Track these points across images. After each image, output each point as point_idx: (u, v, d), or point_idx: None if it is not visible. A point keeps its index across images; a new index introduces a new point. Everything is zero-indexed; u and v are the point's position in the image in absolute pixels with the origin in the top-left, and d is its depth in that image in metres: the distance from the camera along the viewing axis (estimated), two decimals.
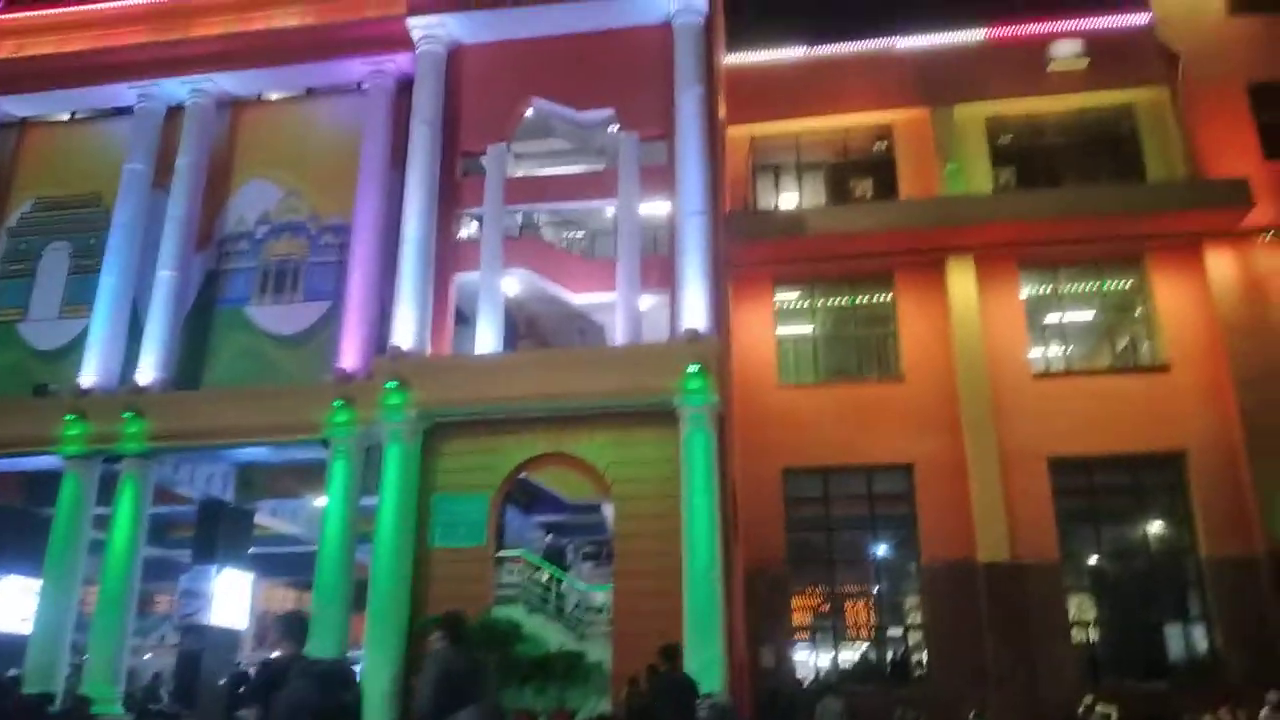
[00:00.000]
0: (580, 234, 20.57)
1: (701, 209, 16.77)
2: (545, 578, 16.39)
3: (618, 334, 16.77)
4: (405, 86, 18.63)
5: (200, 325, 18.25)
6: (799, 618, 18.21)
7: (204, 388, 17.70)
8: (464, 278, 17.53)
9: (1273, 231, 17.94)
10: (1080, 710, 15.37)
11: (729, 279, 18.62)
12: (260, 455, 17.69)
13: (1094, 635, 17.26)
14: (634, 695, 12.21)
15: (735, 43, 21.79)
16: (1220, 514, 16.90)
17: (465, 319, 17.76)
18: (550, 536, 19.39)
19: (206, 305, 18.40)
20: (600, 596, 16.40)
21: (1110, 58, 19.73)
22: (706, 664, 13.46)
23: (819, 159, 21.05)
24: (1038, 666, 16.36)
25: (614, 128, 18.12)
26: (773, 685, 16.51)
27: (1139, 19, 20.03)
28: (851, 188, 20.60)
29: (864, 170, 20.66)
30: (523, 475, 16.20)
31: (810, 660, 17.88)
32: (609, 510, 16.05)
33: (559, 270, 17.84)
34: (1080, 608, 17.36)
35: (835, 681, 17.00)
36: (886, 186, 20.16)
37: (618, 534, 15.56)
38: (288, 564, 22.36)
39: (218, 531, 18.40)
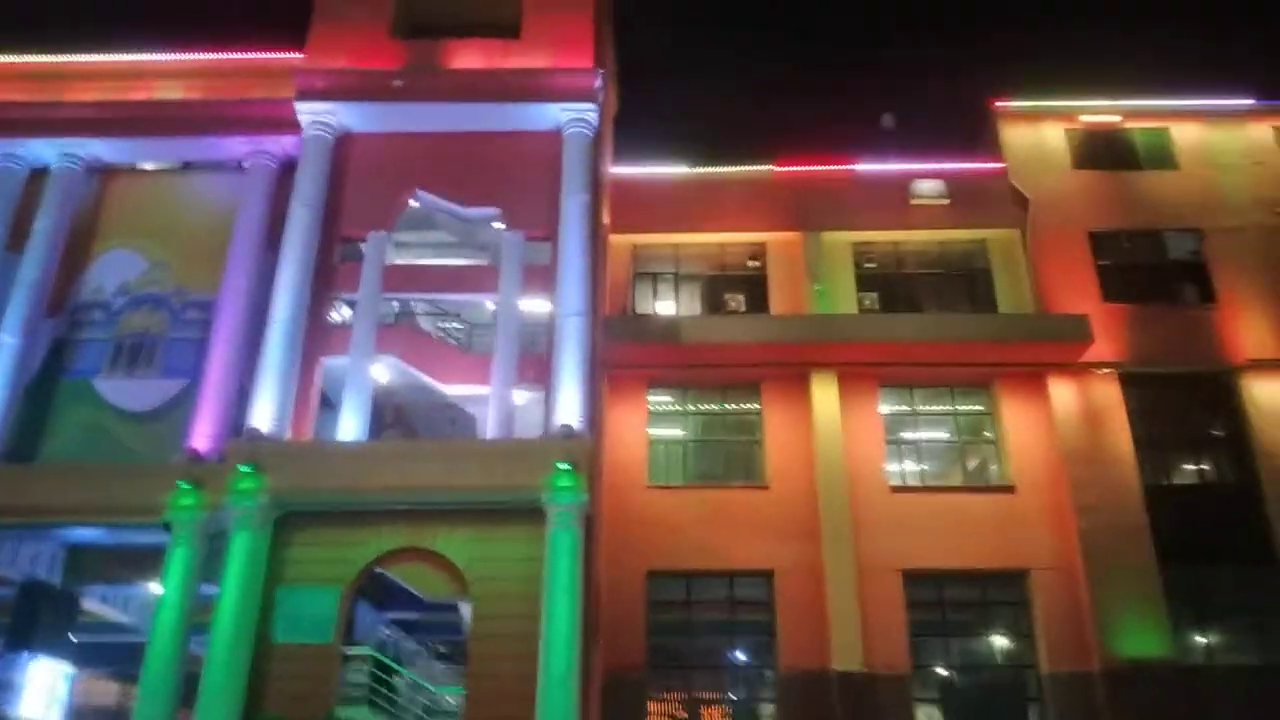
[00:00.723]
0: (458, 325, 20.49)
1: (581, 310, 17.00)
2: (395, 678, 15.67)
3: (489, 428, 16.63)
4: (288, 167, 18.46)
5: (42, 395, 17.19)
6: None
7: (39, 462, 16.58)
8: (333, 363, 17.13)
9: (1109, 366, 19.32)
10: None
11: (604, 380, 18.83)
12: (94, 536, 16.52)
13: None
14: None
15: (622, 156, 22.65)
16: (1060, 631, 17.60)
17: (332, 405, 17.30)
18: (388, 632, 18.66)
19: (51, 375, 17.38)
20: (452, 699, 15.76)
21: (968, 198, 21.33)
22: None
23: (696, 271, 21.78)
24: None
25: (499, 225, 18.35)
26: None
27: (994, 166, 21.76)
28: (726, 300, 21.31)
29: (738, 284, 21.44)
30: (378, 570, 15.62)
31: None
32: (466, 609, 15.58)
33: (433, 360, 17.65)
34: (928, 719, 17.66)
35: None
36: (758, 301, 20.96)
37: (474, 634, 15.08)
38: (114, 654, 20.59)
39: (38, 616, 16.91)
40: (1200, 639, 17.86)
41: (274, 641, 14.52)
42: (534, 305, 17.84)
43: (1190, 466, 19.57)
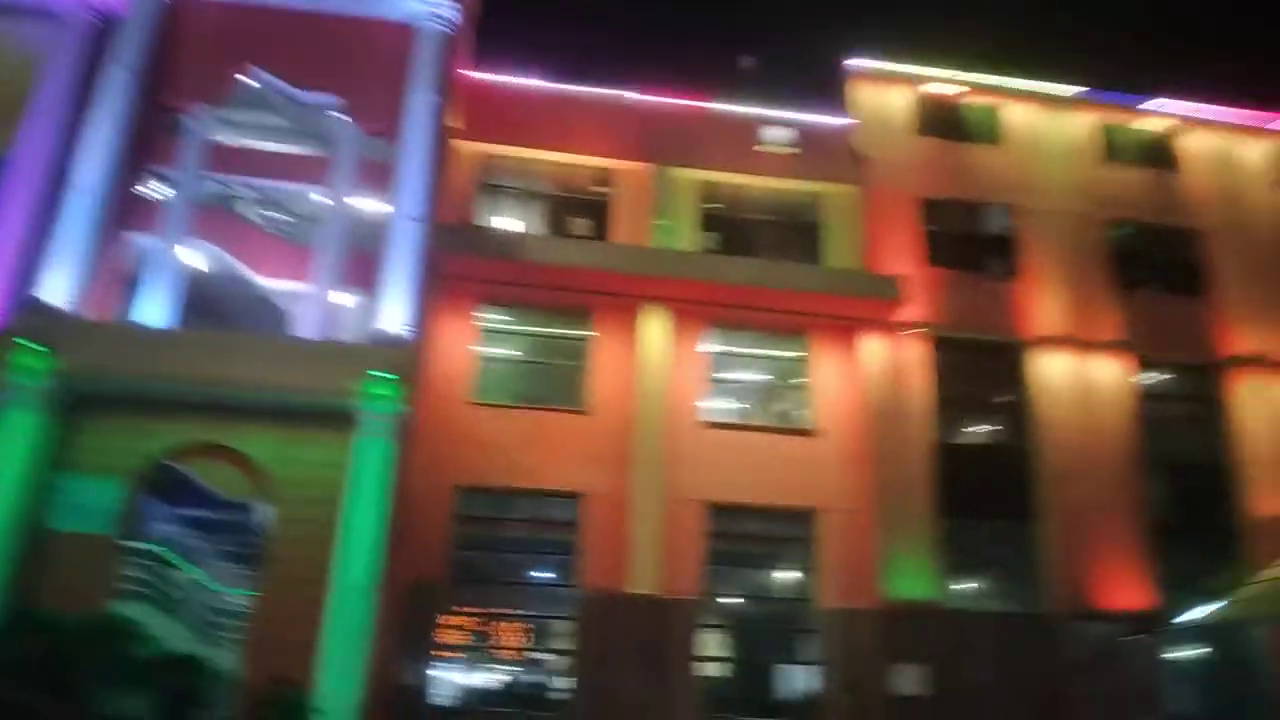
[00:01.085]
0: (283, 216, 19.55)
1: (417, 214, 16.59)
2: (178, 575, 15.19)
3: (306, 326, 16.10)
4: (110, 24, 16.92)
5: None
6: (454, 637, 18.15)
7: None
8: (142, 241, 16.07)
9: (920, 327, 20.47)
10: None
11: (435, 289, 18.49)
12: None
13: (721, 672, 18.61)
14: None
15: (480, 61, 21.92)
16: (842, 570, 18.84)
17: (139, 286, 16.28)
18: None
19: None
20: (239, 601, 15.44)
21: (814, 150, 21.86)
22: (346, 679, 13.10)
23: (542, 189, 21.50)
24: (668, 698, 17.36)
25: (337, 115, 17.51)
26: (413, 704, 16.34)
27: (841, 121, 22.35)
28: (568, 223, 21.18)
29: (583, 208, 21.32)
30: (171, 463, 15.00)
31: (459, 680, 17.84)
32: (263, 511, 15.23)
33: (253, 250, 16.89)
34: (712, 645, 18.66)
35: (476, 703, 17.07)
36: (601, 228, 20.94)
37: (271, 536, 14.81)
38: None
39: None
40: (964, 585, 19.56)
41: (50, 529, 13.80)
42: (368, 204, 17.25)
43: (976, 428, 21.14)
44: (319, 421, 14.86)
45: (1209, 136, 23.89)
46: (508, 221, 21.15)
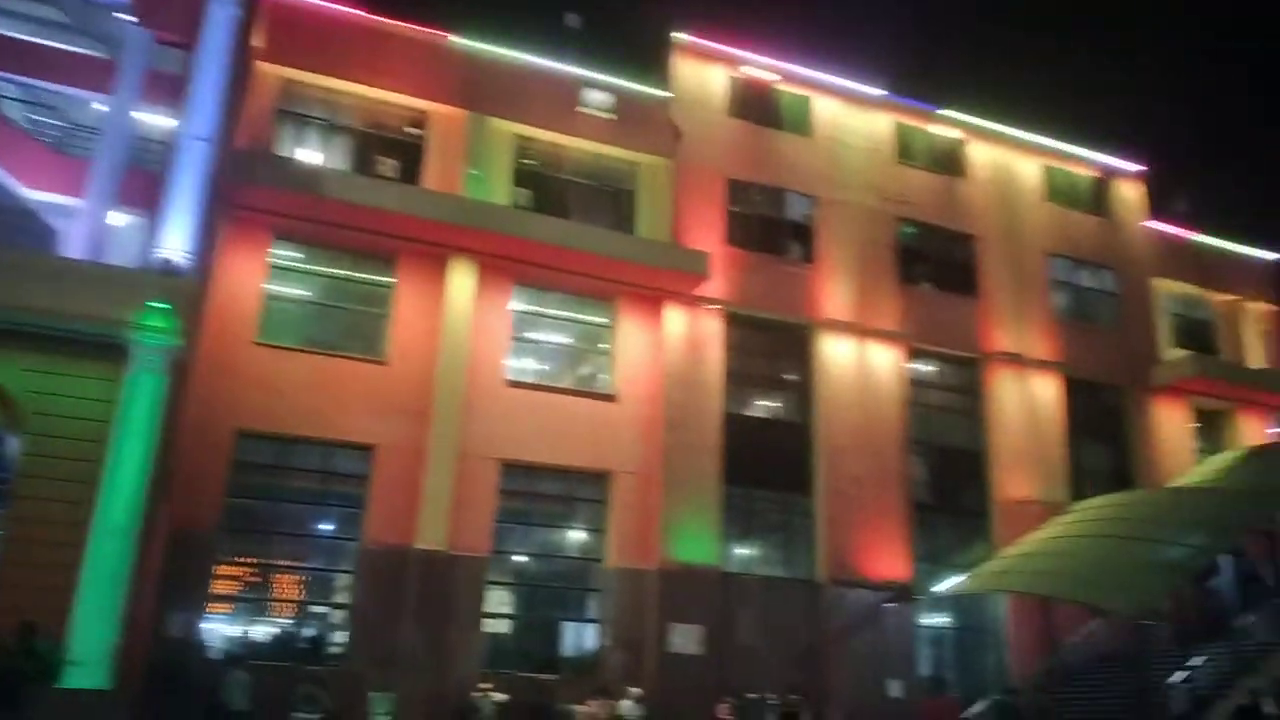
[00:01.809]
0: (56, 123, 17.64)
1: (208, 135, 15.36)
2: None
3: (76, 246, 14.62)
4: None
5: None
6: (225, 587, 17.22)
7: None
8: None
9: (718, 303, 21.15)
10: (473, 696, 16.52)
11: (224, 219, 17.26)
12: None
13: (505, 628, 18.68)
14: None
15: None
16: (630, 532, 19.34)
17: None
18: None
19: None
20: None
21: (632, 118, 21.98)
22: (102, 627, 12.15)
23: (350, 124, 20.46)
24: (449, 654, 17.24)
25: (126, 17, 15.91)
26: (179, 654, 15.40)
27: (660, 94, 22.57)
28: (375, 162, 20.28)
29: (393, 149, 20.46)
30: None
31: (230, 631, 16.95)
32: (15, 443, 13.80)
33: (17, 157, 15.11)
34: (498, 602, 18.68)
35: (247, 654, 16.27)
36: (412, 171, 20.20)
37: (23, 471, 13.45)
38: None
39: None
40: (742, 551, 20.55)
41: None
42: (154, 119, 15.82)
43: (763, 403, 22.15)
44: (85, 351, 13.56)
45: (992, 149, 25.95)
46: (309, 154, 19.99)
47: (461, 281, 19.26)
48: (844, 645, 19.88)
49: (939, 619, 21.92)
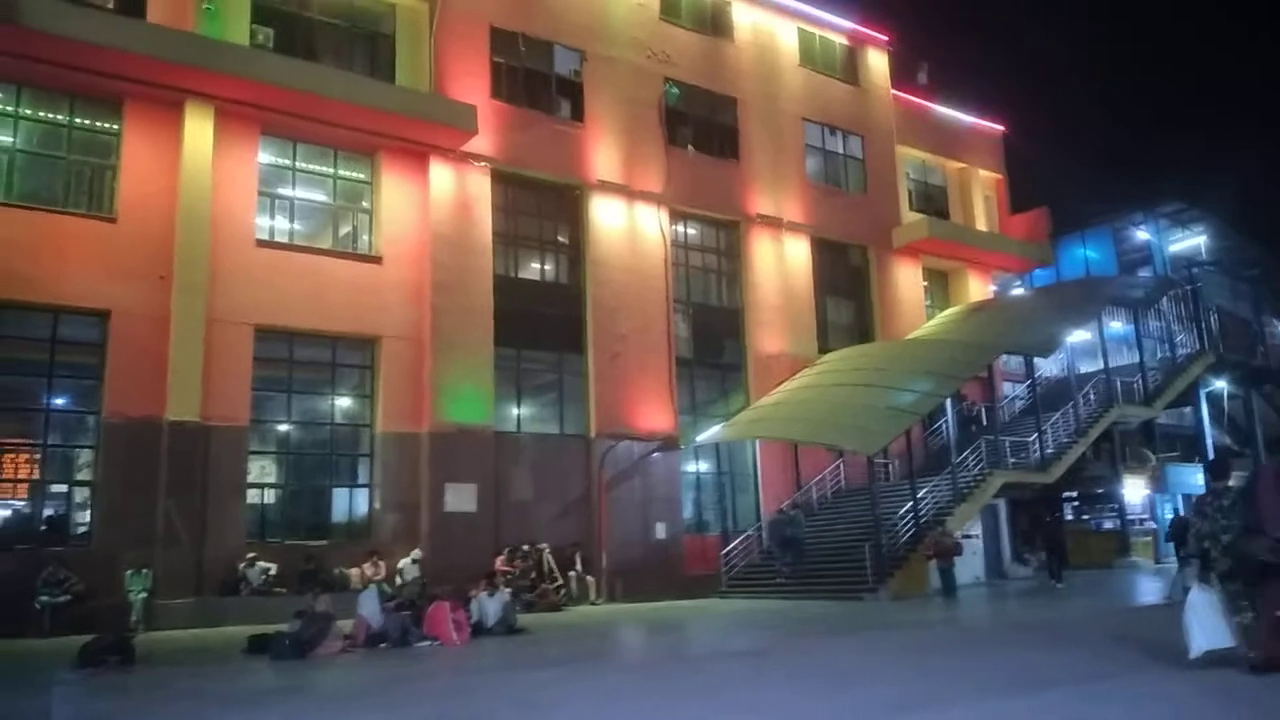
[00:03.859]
0: None
1: None
2: None
3: None
4: None
5: None
6: None
7: None
8: None
9: (486, 160, 20.51)
10: (241, 566, 15.98)
11: None
12: None
13: (271, 497, 18.04)
14: None
15: None
16: (400, 396, 18.95)
17: None
18: None
19: None
20: None
21: None
22: None
23: None
24: (211, 527, 16.46)
25: None
26: None
27: None
28: None
29: None
30: None
31: None
32: None
33: None
34: (262, 471, 17.95)
35: None
36: (135, 4, 17.84)
37: None
38: None
39: None
40: (515, 410, 20.71)
41: None
42: None
43: (535, 264, 22.05)
44: None
45: (753, 11, 26.28)
46: None
47: (197, 130, 17.47)
48: (614, 494, 20.75)
49: (702, 465, 23.29)
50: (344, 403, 19.26)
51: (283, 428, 18.49)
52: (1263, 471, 7.67)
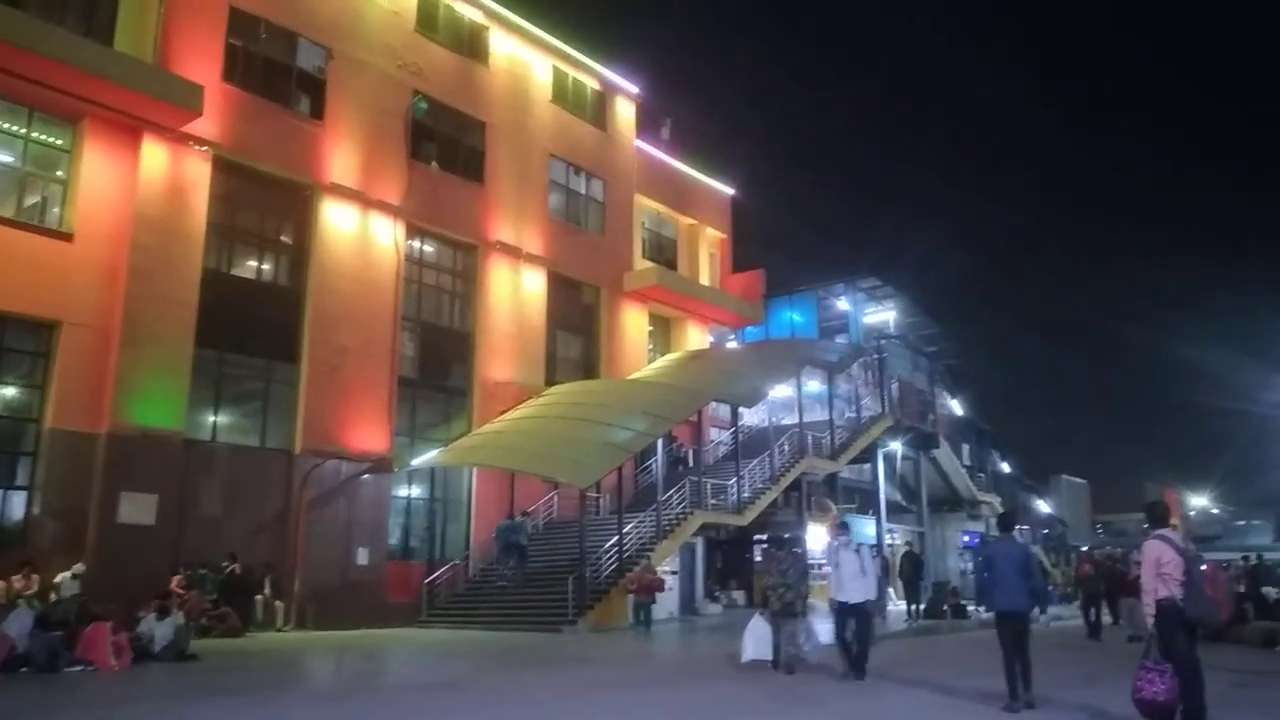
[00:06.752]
0: None
1: None
2: None
3: None
4: None
5: None
6: None
7: None
8: None
9: (208, 145, 19.00)
10: None
11: None
12: None
13: None
14: None
15: None
16: (77, 390, 16.96)
17: None
18: None
19: None
20: None
21: None
22: None
23: None
24: None
25: None
26: None
27: None
28: None
29: None
30: None
31: None
32: None
33: None
34: None
35: None
36: None
37: None
38: None
39: None
40: (214, 417, 19.15)
41: None
42: None
43: (252, 262, 20.65)
44: None
45: (511, 40, 26.43)
46: None
47: None
48: (316, 515, 19.67)
49: (414, 490, 22.67)
50: (8, 392, 16.94)
51: None
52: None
